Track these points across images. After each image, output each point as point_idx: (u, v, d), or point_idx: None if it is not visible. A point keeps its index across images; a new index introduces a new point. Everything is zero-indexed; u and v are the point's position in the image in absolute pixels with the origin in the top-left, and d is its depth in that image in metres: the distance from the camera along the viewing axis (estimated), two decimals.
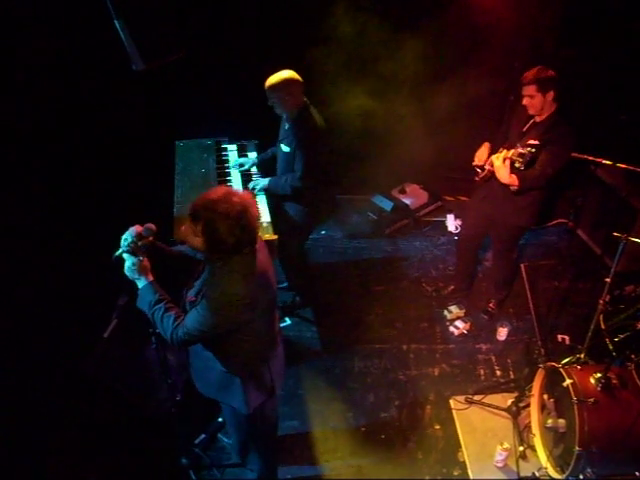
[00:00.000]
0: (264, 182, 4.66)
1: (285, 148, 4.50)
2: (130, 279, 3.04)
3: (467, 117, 6.10)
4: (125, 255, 3.02)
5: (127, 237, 3.01)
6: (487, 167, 4.64)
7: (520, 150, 4.22)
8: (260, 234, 4.05)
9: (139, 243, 3.01)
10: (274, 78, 4.27)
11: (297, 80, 4.31)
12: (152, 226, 3.05)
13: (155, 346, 3.22)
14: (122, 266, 3.02)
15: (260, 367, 3.15)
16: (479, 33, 5.84)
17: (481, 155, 4.72)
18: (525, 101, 4.30)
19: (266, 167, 4.96)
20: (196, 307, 2.88)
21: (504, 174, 4.39)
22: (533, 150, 4.17)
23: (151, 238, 3.07)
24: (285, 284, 5.43)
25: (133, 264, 3.01)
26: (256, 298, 2.88)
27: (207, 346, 3.06)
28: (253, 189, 4.68)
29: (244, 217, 2.74)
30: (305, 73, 4.36)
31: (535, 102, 4.27)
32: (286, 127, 4.51)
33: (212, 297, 2.81)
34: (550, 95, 4.24)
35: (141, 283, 3.03)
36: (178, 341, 2.94)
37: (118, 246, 3.03)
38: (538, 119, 4.39)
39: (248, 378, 3.13)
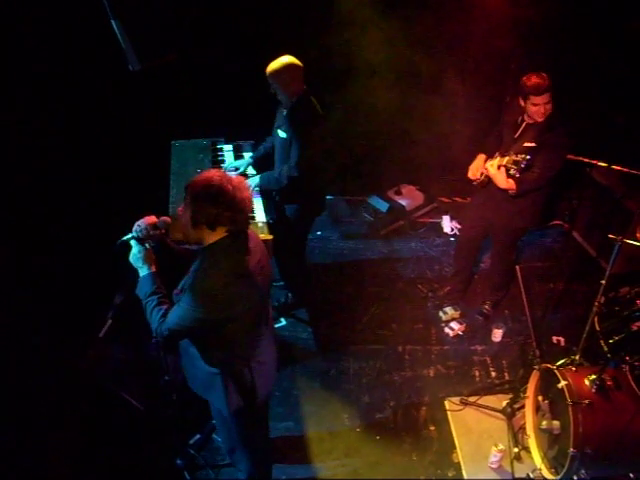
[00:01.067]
0: (255, 180, 4.63)
1: (282, 134, 4.47)
2: (131, 270, 3.06)
3: (464, 119, 6.11)
4: (133, 242, 3.05)
5: (141, 224, 3.04)
6: (483, 173, 4.65)
7: (514, 158, 4.21)
8: (255, 231, 4.09)
9: (151, 232, 3.04)
10: (275, 64, 4.28)
11: (297, 65, 4.32)
12: (168, 219, 3.09)
13: (155, 340, 3.22)
14: (125, 252, 3.04)
15: (241, 368, 3.13)
16: (475, 35, 5.86)
17: (475, 168, 4.73)
18: (540, 109, 4.24)
19: (262, 164, 4.94)
20: (178, 302, 2.89)
21: (501, 180, 4.41)
22: (528, 157, 4.17)
23: (163, 231, 3.10)
24: (281, 282, 5.43)
25: (139, 252, 3.05)
26: (238, 297, 2.87)
27: (192, 343, 3.07)
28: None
29: (229, 191, 2.78)
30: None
31: (548, 108, 4.25)
32: (284, 113, 4.50)
33: (193, 290, 2.82)
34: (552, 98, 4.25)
35: (143, 272, 3.05)
36: (162, 335, 2.96)
37: (122, 235, 3.06)
38: (531, 121, 4.39)
39: (229, 378, 3.11)
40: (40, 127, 4.54)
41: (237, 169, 4.92)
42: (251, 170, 4.97)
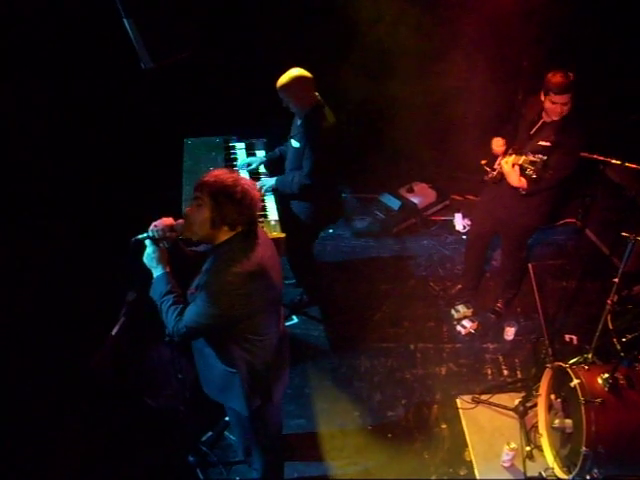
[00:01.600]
0: (271, 182, 4.66)
1: (295, 144, 4.49)
2: (143, 269, 3.07)
3: (476, 116, 6.09)
4: (147, 242, 3.05)
5: (158, 225, 3.04)
6: (497, 168, 4.63)
7: (531, 158, 4.19)
8: (267, 231, 4.11)
9: (167, 234, 3.04)
10: (284, 78, 4.29)
11: (307, 77, 4.32)
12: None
13: (168, 339, 3.24)
14: (139, 251, 3.05)
15: (260, 366, 3.14)
16: (487, 32, 5.83)
17: (497, 144, 4.67)
18: (557, 108, 4.20)
19: (274, 166, 4.95)
20: (194, 300, 2.91)
21: (514, 178, 4.39)
22: (545, 157, 4.15)
23: (179, 234, 3.10)
24: (293, 280, 5.44)
25: (154, 252, 3.05)
26: (254, 291, 2.88)
27: (208, 342, 3.08)
28: (260, 189, 4.68)
29: (248, 192, 2.84)
30: (313, 71, 4.36)
31: (567, 108, 4.21)
32: (298, 123, 4.51)
33: (209, 288, 2.84)
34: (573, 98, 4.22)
35: (157, 272, 3.06)
36: (179, 334, 2.96)
37: (134, 233, 3.06)
38: (548, 119, 4.36)
39: (247, 378, 3.12)
40: (52, 125, 4.56)
41: (249, 165, 4.93)
42: (263, 169, 4.97)
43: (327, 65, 5.40)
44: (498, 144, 4.64)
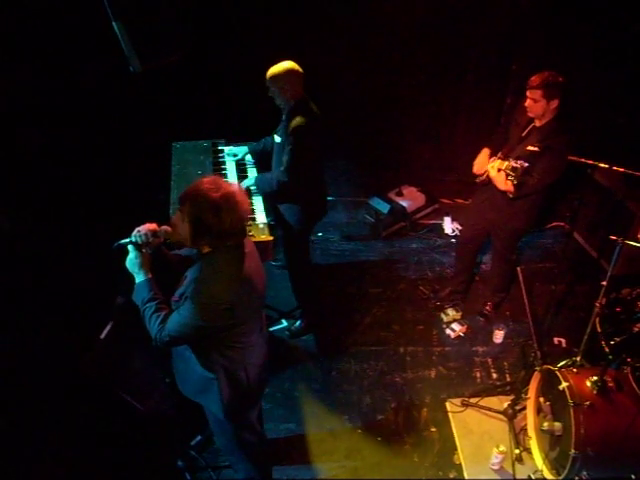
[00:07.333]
0: (250, 181, 4.64)
1: (277, 138, 4.50)
2: (127, 274, 3.05)
3: (465, 120, 6.11)
4: (130, 247, 3.02)
5: (141, 230, 3.01)
6: (486, 172, 4.65)
7: (513, 164, 4.21)
8: (254, 235, 4.09)
9: (150, 239, 3.01)
10: (275, 68, 4.27)
11: (298, 71, 4.30)
12: (169, 229, 3.06)
13: (154, 344, 3.22)
14: (121, 256, 3.03)
15: (239, 372, 3.13)
16: (476, 35, 5.86)
17: (480, 162, 4.73)
18: (527, 103, 4.28)
19: (259, 157, 4.96)
20: (178, 309, 2.89)
21: (500, 182, 4.44)
22: (526, 165, 4.18)
23: (162, 239, 3.07)
24: (279, 262, 5.56)
25: (136, 257, 3.02)
26: (239, 303, 2.87)
27: (189, 347, 3.07)
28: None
29: (230, 201, 2.77)
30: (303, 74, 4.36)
31: (537, 107, 4.25)
32: (283, 118, 4.51)
33: (194, 299, 2.81)
34: (554, 103, 4.23)
35: (139, 278, 3.03)
36: (161, 342, 2.95)
37: (123, 237, 3.03)
38: (538, 124, 4.39)
39: (226, 382, 3.11)
40: (40, 128, 4.53)
41: (236, 155, 4.92)
42: (249, 158, 4.98)
43: (316, 67, 5.40)
44: (480, 164, 4.70)
